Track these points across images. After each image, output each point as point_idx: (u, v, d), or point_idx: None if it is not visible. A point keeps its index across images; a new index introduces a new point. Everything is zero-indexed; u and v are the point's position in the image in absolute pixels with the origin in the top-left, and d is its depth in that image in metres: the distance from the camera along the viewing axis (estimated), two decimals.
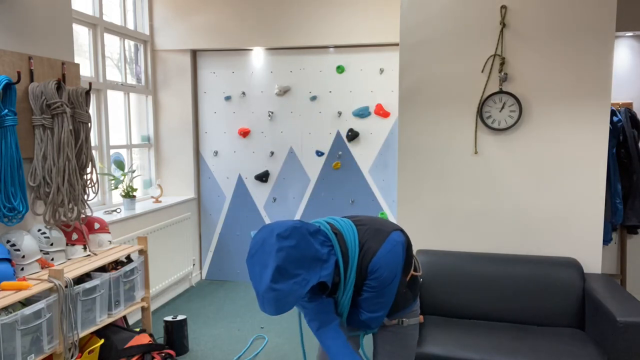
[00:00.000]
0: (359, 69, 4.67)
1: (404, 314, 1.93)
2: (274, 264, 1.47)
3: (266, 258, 1.50)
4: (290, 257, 1.49)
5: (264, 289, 1.48)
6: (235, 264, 5.09)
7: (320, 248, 1.57)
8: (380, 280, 1.68)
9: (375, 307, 1.75)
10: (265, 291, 1.48)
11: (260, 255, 1.52)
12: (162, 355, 3.11)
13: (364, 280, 1.71)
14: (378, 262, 1.66)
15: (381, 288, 1.69)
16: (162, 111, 4.97)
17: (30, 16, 2.91)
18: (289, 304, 1.50)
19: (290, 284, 1.48)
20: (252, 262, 1.54)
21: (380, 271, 1.66)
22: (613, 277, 4.09)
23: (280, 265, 1.47)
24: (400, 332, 1.93)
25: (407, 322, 1.92)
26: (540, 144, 3.10)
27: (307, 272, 1.52)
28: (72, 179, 2.91)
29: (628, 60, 4.12)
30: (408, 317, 1.93)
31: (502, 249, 3.20)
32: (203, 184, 5.10)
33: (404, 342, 1.94)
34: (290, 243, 1.50)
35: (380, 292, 1.70)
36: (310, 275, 1.52)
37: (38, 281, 2.53)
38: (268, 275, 1.47)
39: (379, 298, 1.72)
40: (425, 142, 3.27)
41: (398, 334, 1.93)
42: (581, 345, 2.58)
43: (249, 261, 1.55)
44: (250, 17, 4.65)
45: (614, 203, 3.86)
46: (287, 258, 1.49)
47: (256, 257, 1.53)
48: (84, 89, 3.01)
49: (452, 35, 3.17)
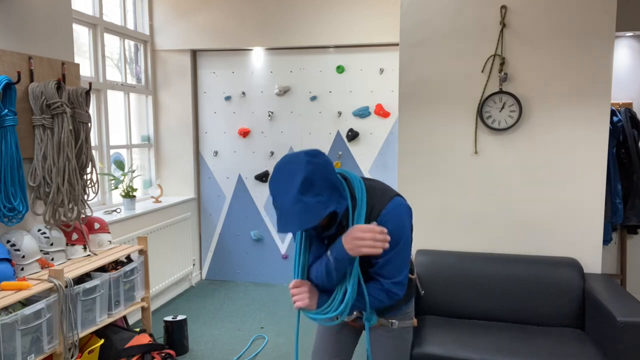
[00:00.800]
0: (359, 69, 4.67)
1: (397, 314, 1.90)
2: (302, 174, 1.48)
3: (295, 169, 1.50)
4: (317, 171, 1.50)
5: (291, 200, 1.48)
6: (235, 264, 5.09)
7: (338, 180, 1.60)
8: (393, 231, 1.66)
9: (394, 271, 1.70)
10: (293, 202, 1.48)
11: (287, 168, 1.52)
12: (162, 355, 3.11)
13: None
14: (387, 214, 1.66)
15: (394, 243, 1.66)
16: (162, 111, 4.97)
17: (30, 16, 2.91)
18: (311, 220, 1.48)
19: (315, 200, 1.48)
20: (277, 176, 1.54)
21: (389, 223, 1.65)
22: (613, 277, 4.09)
23: (309, 177, 1.48)
24: (393, 336, 1.91)
25: (398, 325, 1.90)
26: (540, 144, 3.10)
27: (329, 197, 1.52)
28: (72, 179, 2.91)
29: (628, 60, 4.12)
30: (400, 319, 1.91)
31: (502, 249, 3.20)
32: (203, 184, 5.10)
33: (397, 347, 1.92)
34: (319, 160, 1.53)
35: (393, 248, 1.67)
36: (331, 201, 1.53)
37: (38, 281, 2.53)
38: (296, 185, 1.48)
39: (394, 258, 1.68)
40: (425, 142, 3.27)
41: (391, 338, 1.91)
42: (581, 345, 2.58)
43: (274, 176, 1.55)
44: (250, 17, 4.65)
45: (614, 203, 3.86)
46: (315, 172, 1.50)
47: (283, 170, 1.53)
48: (84, 89, 3.01)
49: (452, 35, 3.17)
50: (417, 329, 2.78)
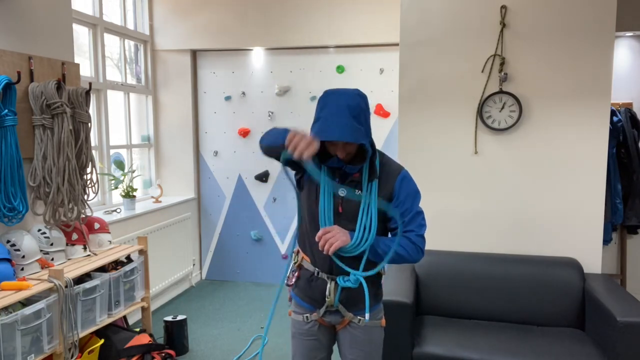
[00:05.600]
0: (359, 69, 4.67)
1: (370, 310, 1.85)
2: (356, 101, 1.66)
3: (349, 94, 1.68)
4: (364, 108, 1.68)
5: (341, 114, 1.61)
6: (235, 264, 5.09)
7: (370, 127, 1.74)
8: (412, 188, 1.81)
9: (419, 223, 1.80)
10: (342, 116, 1.61)
11: (342, 91, 1.69)
12: (162, 355, 3.11)
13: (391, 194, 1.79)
14: (404, 173, 1.82)
15: (414, 199, 1.80)
16: (162, 111, 4.97)
17: (30, 16, 2.91)
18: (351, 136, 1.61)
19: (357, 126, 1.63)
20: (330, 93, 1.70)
21: (408, 180, 1.81)
22: (613, 277, 4.08)
23: (359, 106, 1.66)
24: (361, 335, 1.89)
25: (366, 322, 1.87)
26: (540, 144, 3.10)
27: (366, 132, 1.68)
28: (72, 179, 2.91)
29: (628, 60, 4.12)
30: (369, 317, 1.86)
31: (502, 249, 3.20)
32: (203, 184, 5.10)
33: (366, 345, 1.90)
34: (366, 100, 1.72)
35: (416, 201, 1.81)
36: (367, 136, 1.68)
37: (38, 281, 2.53)
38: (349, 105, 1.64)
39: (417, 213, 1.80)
40: (425, 142, 3.27)
41: (359, 336, 1.89)
42: (581, 345, 2.58)
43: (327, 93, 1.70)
44: (250, 17, 4.65)
45: (614, 203, 3.86)
46: (365, 106, 1.69)
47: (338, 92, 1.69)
48: (84, 89, 3.01)
49: (452, 35, 3.17)
50: (417, 329, 2.78)
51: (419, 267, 3.08)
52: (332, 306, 1.87)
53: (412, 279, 2.96)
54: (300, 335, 1.99)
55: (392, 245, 1.75)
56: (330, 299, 1.85)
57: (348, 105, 1.62)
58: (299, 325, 1.98)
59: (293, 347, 2.03)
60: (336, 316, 1.90)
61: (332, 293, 1.84)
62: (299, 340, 1.99)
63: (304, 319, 1.95)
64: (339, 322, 1.92)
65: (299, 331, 1.99)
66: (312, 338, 1.96)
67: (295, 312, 2.00)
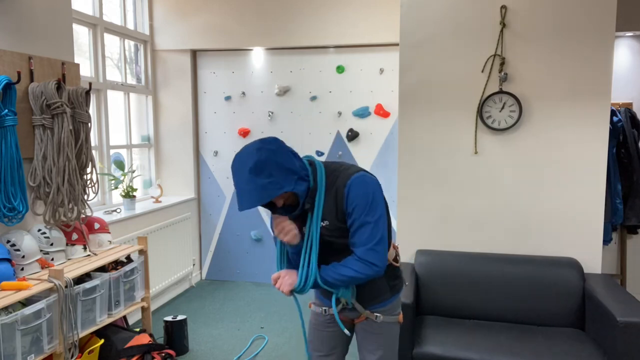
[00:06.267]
0: (359, 69, 4.67)
1: (381, 307, 1.89)
2: (254, 159, 1.63)
3: (249, 154, 1.65)
4: (269, 157, 1.63)
5: (244, 181, 1.63)
6: (235, 264, 5.09)
7: (296, 165, 1.70)
8: (359, 197, 1.70)
9: (367, 237, 1.71)
10: (246, 182, 1.62)
11: (243, 154, 1.67)
12: (162, 355, 3.11)
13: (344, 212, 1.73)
14: (350, 184, 1.73)
15: (363, 209, 1.70)
16: (162, 111, 4.97)
17: (30, 16, 2.91)
18: (262, 198, 1.61)
19: (266, 182, 1.61)
20: (235, 163, 1.69)
21: (352, 190, 1.71)
22: (613, 277, 4.09)
23: (259, 161, 1.62)
24: (378, 331, 1.90)
25: (383, 319, 1.89)
26: (540, 143, 3.10)
27: (283, 179, 1.64)
28: (72, 179, 2.91)
29: (628, 60, 4.12)
30: (385, 312, 1.90)
31: (502, 249, 3.20)
32: (203, 184, 5.10)
33: (383, 342, 1.91)
34: (270, 147, 1.66)
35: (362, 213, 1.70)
36: (285, 182, 1.65)
37: (38, 281, 2.53)
38: (248, 168, 1.62)
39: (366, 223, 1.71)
40: (425, 142, 3.27)
41: (376, 333, 1.90)
42: (581, 345, 2.58)
43: (233, 163, 1.70)
44: (250, 17, 4.65)
45: (614, 203, 3.86)
46: (267, 157, 1.63)
47: (239, 157, 1.67)
48: (84, 89, 3.01)
49: (452, 35, 3.17)
50: (417, 329, 2.78)
51: (419, 267, 3.08)
52: (347, 304, 1.90)
53: (412, 279, 2.96)
54: (317, 325, 2.05)
55: (340, 271, 1.74)
56: (343, 300, 1.89)
57: (248, 168, 1.62)
58: (316, 316, 2.04)
59: (310, 335, 2.09)
60: (353, 312, 1.93)
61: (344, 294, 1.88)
62: (316, 330, 2.06)
63: (322, 312, 2.00)
64: (356, 317, 1.95)
65: (316, 322, 2.05)
66: (327, 330, 2.02)
67: (315, 304, 2.05)
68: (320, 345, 2.04)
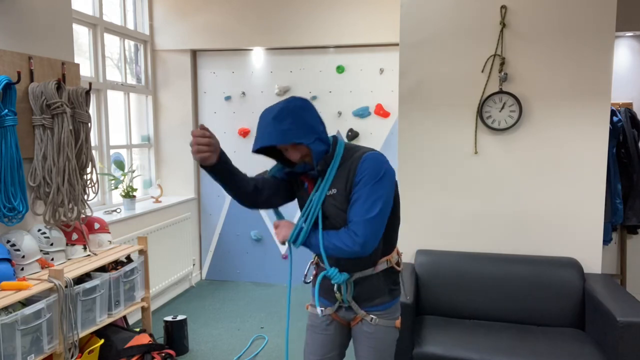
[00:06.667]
0: (359, 69, 4.67)
1: (378, 310, 1.87)
2: (280, 106, 1.71)
3: (275, 106, 1.73)
4: (295, 110, 1.70)
5: (265, 124, 1.70)
6: (235, 264, 5.09)
7: (320, 127, 1.76)
8: (369, 169, 1.71)
9: (363, 209, 1.69)
10: (266, 126, 1.69)
11: (271, 106, 1.74)
12: (162, 355, 3.11)
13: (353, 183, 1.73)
14: (365, 157, 1.75)
15: (368, 180, 1.70)
16: (162, 111, 4.97)
17: (30, 16, 2.91)
18: (277, 138, 1.68)
19: (286, 128, 1.68)
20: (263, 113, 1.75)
21: (365, 163, 1.73)
22: (613, 277, 4.08)
23: (285, 108, 1.69)
24: (372, 335, 1.88)
25: (378, 322, 1.87)
26: (540, 144, 3.10)
27: (303, 132, 1.70)
28: (72, 179, 2.91)
29: (628, 60, 4.12)
30: (382, 316, 1.88)
31: (502, 249, 3.20)
32: (203, 184, 5.10)
33: (376, 347, 1.89)
34: (299, 103, 1.73)
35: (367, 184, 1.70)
36: (304, 135, 1.70)
37: (38, 281, 2.53)
38: (272, 115, 1.69)
39: (365, 195, 1.69)
40: (425, 142, 3.27)
41: (371, 337, 1.88)
42: (581, 345, 2.58)
43: (261, 115, 1.75)
44: (250, 17, 4.65)
45: (614, 203, 3.86)
46: (292, 108, 1.70)
47: (268, 108, 1.75)
48: (84, 89, 3.01)
49: (452, 35, 3.17)
50: (417, 329, 2.78)
51: (419, 267, 3.08)
52: (343, 302, 1.89)
53: (412, 279, 2.96)
54: (314, 328, 2.03)
55: (328, 237, 1.74)
56: (339, 295, 1.87)
57: (273, 115, 1.69)
58: (314, 318, 2.03)
59: (307, 338, 2.07)
60: (349, 312, 1.92)
61: (341, 289, 1.87)
62: (313, 333, 2.04)
63: (320, 312, 1.97)
64: (352, 318, 1.93)
65: (313, 324, 2.04)
66: (324, 333, 2.00)
67: (312, 306, 2.03)
68: (316, 349, 2.00)
